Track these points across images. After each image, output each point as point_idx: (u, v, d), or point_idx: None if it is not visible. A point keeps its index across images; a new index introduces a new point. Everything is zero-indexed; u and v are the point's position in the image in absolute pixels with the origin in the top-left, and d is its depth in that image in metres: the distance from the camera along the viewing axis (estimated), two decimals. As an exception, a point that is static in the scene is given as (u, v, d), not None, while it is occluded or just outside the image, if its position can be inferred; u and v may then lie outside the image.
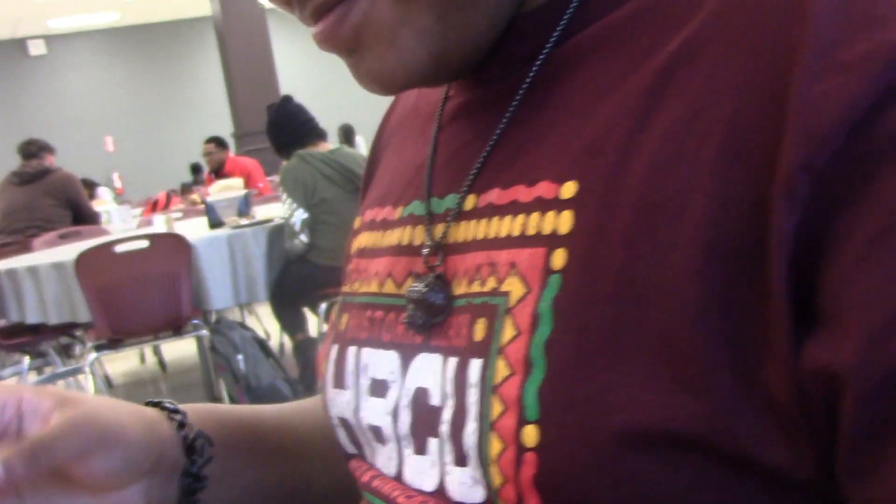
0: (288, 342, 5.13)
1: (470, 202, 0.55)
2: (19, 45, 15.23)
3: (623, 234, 0.45)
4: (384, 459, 0.59)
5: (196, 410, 0.70)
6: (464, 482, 0.51)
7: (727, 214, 0.42)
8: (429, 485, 0.54)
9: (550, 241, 0.48)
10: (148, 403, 0.68)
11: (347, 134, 10.23)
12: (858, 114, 0.38)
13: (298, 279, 4.47)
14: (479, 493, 0.50)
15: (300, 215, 4.40)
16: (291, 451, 0.75)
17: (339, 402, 0.63)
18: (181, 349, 5.97)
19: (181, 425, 0.67)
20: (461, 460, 0.51)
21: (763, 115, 0.41)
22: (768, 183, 0.40)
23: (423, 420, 0.54)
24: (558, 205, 0.49)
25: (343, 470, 0.67)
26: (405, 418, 0.56)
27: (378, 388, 0.59)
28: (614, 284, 0.45)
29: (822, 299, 0.40)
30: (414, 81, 0.53)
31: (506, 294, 0.50)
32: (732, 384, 0.42)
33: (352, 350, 0.62)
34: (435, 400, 0.53)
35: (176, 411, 0.67)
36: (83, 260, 4.11)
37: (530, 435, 0.46)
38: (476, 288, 0.52)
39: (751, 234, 0.41)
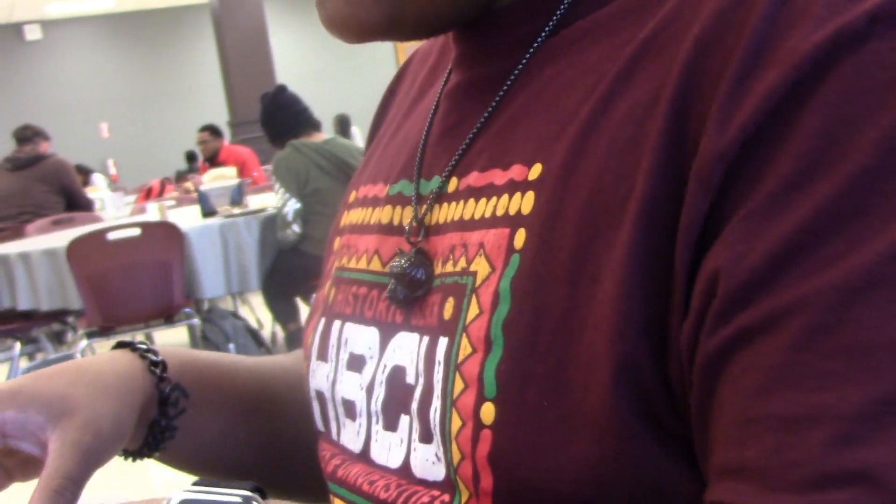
0: (280, 332, 5.13)
1: (452, 185, 0.56)
2: (15, 29, 15.18)
3: (578, 214, 0.46)
4: (351, 435, 0.60)
5: (174, 359, 0.69)
6: (427, 459, 0.52)
7: (659, 193, 0.43)
8: (394, 462, 0.56)
9: (514, 222, 0.50)
10: (121, 345, 0.68)
11: (343, 124, 10.21)
12: (771, 104, 0.40)
13: (291, 269, 4.46)
14: (441, 470, 0.51)
15: (293, 205, 4.39)
16: (263, 408, 0.76)
17: (319, 375, 0.64)
18: (173, 337, 5.96)
19: (160, 379, 0.66)
20: (426, 437, 0.52)
21: (700, 102, 0.43)
22: (688, 166, 0.42)
23: (397, 397, 0.55)
24: (524, 186, 0.50)
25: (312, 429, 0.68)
26: (380, 394, 0.57)
27: (355, 363, 0.60)
28: (568, 264, 0.46)
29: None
30: (367, 35, 0.55)
31: (473, 274, 0.51)
32: (653, 367, 0.43)
33: (336, 324, 0.63)
34: (410, 378, 0.54)
35: (156, 363, 0.67)
36: (75, 247, 4.10)
37: (488, 412, 0.47)
38: (449, 268, 0.53)
39: (673, 215, 0.43)
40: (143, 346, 0.67)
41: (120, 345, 0.68)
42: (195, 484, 0.42)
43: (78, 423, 0.57)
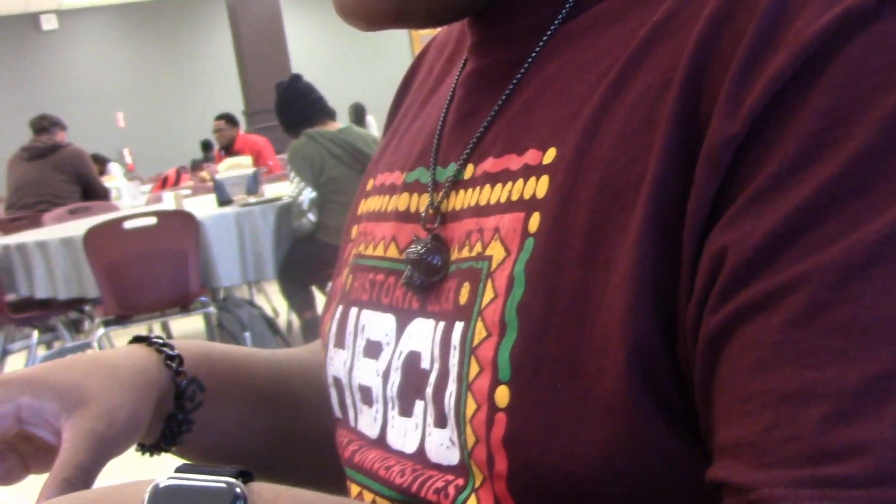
0: (296, 320, 5.14)
1: (468, 171, 0.57)
2: (32, 19, 15.22)
3: (591, 197, 0.47)
4: (368, 421, 0.61)
5: (190, 353, 0.69)
6: (442, 443, 0.53)
7: (670, 175, 0.43)
8: (410, 447, 0.56)
9: (529, 206, 0.50)
10: (137, 339, 0.68)
11: (359, 113, 10.21)
12: (779, 86, 0.41)
13: (306, 258, 4.47)
14: (455, 454, 0.52)
15: (308, 194, 4.40)
16: (279, 399, 0.76)
17: (337, 362, 0.65)
18: (189, 326, 5.99)
19: (177, 373, 0.67)
20: (441, 422, 0.53)
21: (710, 85, 0.43)
22: (698, 148, 0.43)
23: (412, 383, 0.56)
24: (539, 171, 0.50)
25: (330, 422, 0.68)
26: (395, 380, 0.57)
27: (372, 350, 0.60)
28: (582, 247, 0.46)
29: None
30: (377, 23, 0.56)
31: (488, 258, 0.51)
32: (661, 347, 0.44)
33: (353, 311, 0.64)
34: (425, 363, 0.55)
35: (172, 357, 0.67)
36: (91, 236, 4.12)
37: (502, 395, 0.47)
38: (465, 253, 0.54)
39: (683, 197, 0.43)
40: (160, 341, 0.68)
41: (136, 339, 0.68)
42: (179, 469, 0.42)
43: (92, 412, 0.58)
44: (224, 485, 0.41)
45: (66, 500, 0.44)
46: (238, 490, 0.40)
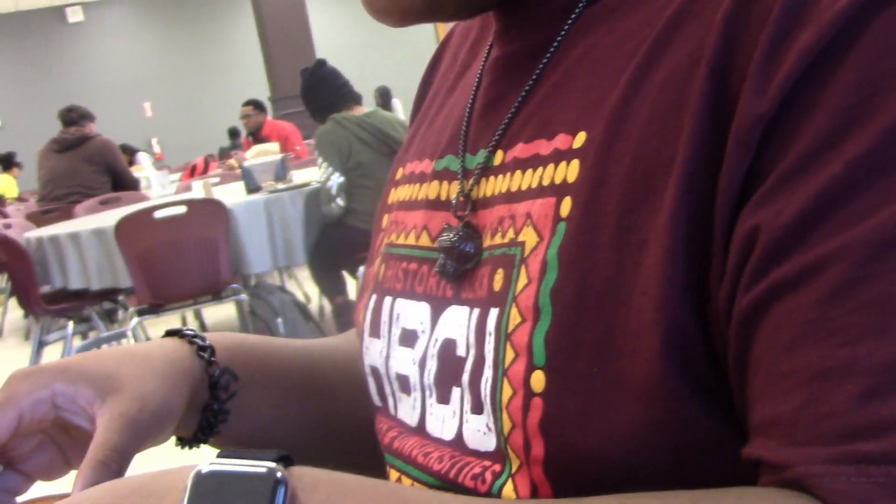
0: (328, 305, 5.16)
1: (498, 157, 0.57)
2: (58, 12, 15.33)
3: (622, 180, 0.47)
4: (407, 409, 0.61)
5: (222, 344, 0.70)
6: (479, 430, 0.53)
7: (700, 155, 0.43)
8: (448, 434, 0.56)
9: (560, 190, 0.50)
10: (170, 333, 0.69)
11: (384, 96, 10.20)
12: (807, 63, 0.40)
13: (336, 243, 4.48)
14: (492, 440, 0.52)
15: (336, 179, 4.40)
16: (313, 388, 0.76)
17: (373, 351, 0.65)
18: (222, 313, 6.03)
19: (209, 363, 0.67)
20: (477, 408, 0.53)
21: (739, 63, 0.43)
22: (730, 125, 0.42)
23: (449, 370, 0.56)
24: (569, 155, 0.50)
25: (367, 408, 0.68)
26: (432, 368, 0.57)
27: (408, 338, 0.61)
28: (614, 230, 0.46)
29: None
30: (409, 18, 0.56)
31: (521, 244, 0.51)
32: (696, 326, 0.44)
33: (387, 300, 0.64)
34: (461, 350, 0.55)
35: (203, 348, 0.67)
36: (123, 226, 4.15)
37: (538, 380, 0.48)
38: (498, 240, 0.54)
39: (713, 177, 0.43)
40: (191, 332, 0.68)
41: (168, 333, 0.69)
42: (221, 455, 0.42)
43: (124, 397, 0.58)
44: (265, 469, 0.41)
45: (108, 487, 0.44)
46: (279, 474, 0.40)
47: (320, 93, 4.61)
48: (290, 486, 0.40)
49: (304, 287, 6.07)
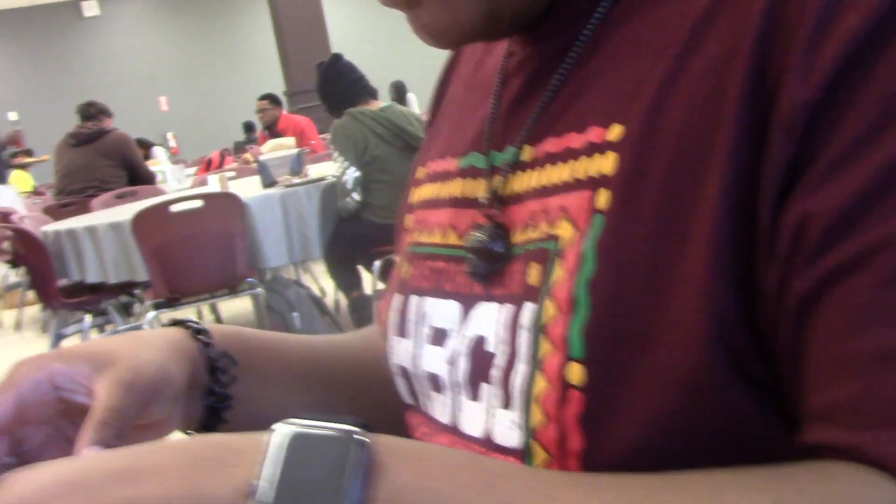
0: (343, 300, 5.16)
1: (527, 153, 0.57)
2: (73, 6, 15.38)
3: (663, 172, 0.46)
4: (439, 408, 0.61)
5: (221, 332, 0.70)
6: (505, 425, 0.53)
7: (742, 145, 0.43)
8: (479, 430, 0.56)
9: (596, 183, 0.50)
10: (170, 323, 0.69)
11: (399, 91, 10.20)
12: (851, 48, 0.40)
13: (352, 237, 4.48)
14: (517, 436, 0.52)
15: (352, 173, 4.40)
16: (316, 380, 0.76)
17: (400, 351, 0.65)
18: (238, 307, 6.04)
19: (206, 345, 0.67)
20: (507, 403, 0.53)
21: (779, 51, 0.43)
22: (772, 113, 0.42)
23: (480, 367, 0.56)
24: (604, 147, 0.50)
25: (371, 404, 0.69)
26: (463, 366, 0.57)
27: (438, 337, 0.60)
28: (654, 222, 0.46)
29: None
30: (467, 38, 0.56)
31: (556, 238, 0.51)
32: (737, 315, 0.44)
33: (414, 299, 0.64)
34: (490, 346, 0.55)
35: (199, 331, 0.68)
36: (139, 220, 4.16)
37: (576, 373, 0.47)
38: (531, 235, 0.54)
39: (756, 166, 0.43)
40: (187, 319, 0.69)
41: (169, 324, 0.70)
42: (295, 419, 0.41)
43: (120, 367, 0.59)
44: (345, 432, 0.40)
45: (184, 442, 0.42)
46: (359, 437, 0.40)
47: (336, 87, 4.61)
48: (371, 449, 0.40)
49: (320, 281, 6.07)
